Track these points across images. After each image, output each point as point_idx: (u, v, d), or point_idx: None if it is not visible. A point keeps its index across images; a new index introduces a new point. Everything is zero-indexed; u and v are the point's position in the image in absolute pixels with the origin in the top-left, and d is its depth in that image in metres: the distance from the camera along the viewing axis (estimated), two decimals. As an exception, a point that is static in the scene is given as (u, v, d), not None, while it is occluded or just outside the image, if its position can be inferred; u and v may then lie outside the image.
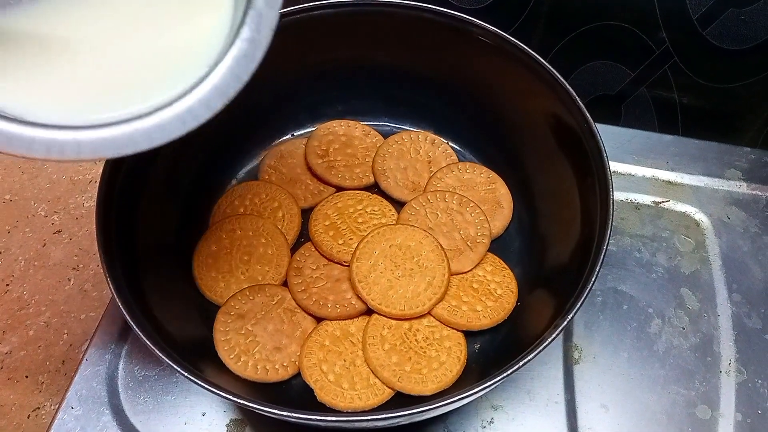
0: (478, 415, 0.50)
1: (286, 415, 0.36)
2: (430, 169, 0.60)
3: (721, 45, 0.66)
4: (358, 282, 0.50)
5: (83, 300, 0.75)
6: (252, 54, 0.29)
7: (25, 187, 0.86)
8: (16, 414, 0.68)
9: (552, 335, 0.38)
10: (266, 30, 0.29)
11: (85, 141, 0.27)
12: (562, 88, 0.49)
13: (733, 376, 0.53)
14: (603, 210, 0.44)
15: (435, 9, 0.53)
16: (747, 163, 0.66)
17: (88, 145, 0.27)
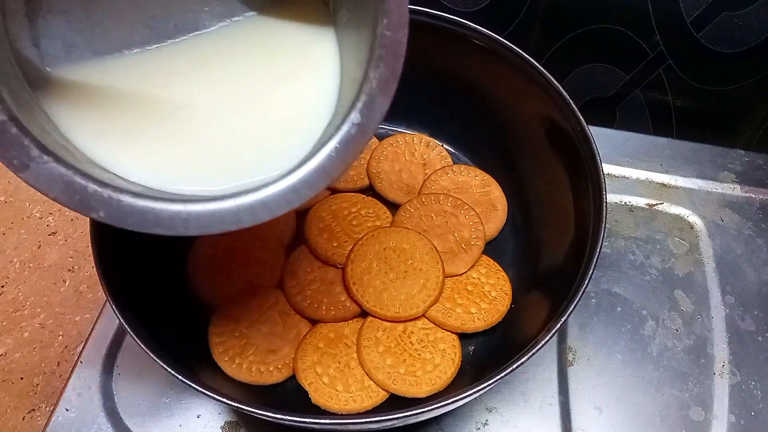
0: (473, 417, 0.50)
1: (280, 418, 0.36)
2: (424, 171, 0.60)
3: (715, 48, 0.66)
4: (353, 284, 0.51)
5: (78, 302, 0.75)
6: (359, 139, 0.28)
7: (20, 189, 0.86)
8: (11, 416, 0.68)
9: (546, 337, 0.39)
10: (377, 116, 0.28)
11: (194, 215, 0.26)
12: (556, 91, 0.49)
13: (727, 377, 0.53)
14: (596, 212, 0.44)
15: (430, 12, 0.53)
16: (741, 166, 0.67)
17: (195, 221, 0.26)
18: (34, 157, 0.25)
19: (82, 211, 0.25)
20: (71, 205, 0.25)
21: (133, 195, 0.26)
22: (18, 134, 0.24)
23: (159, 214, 0.26)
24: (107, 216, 0.26)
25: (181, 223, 0.26)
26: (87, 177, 0.25)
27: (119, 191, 0.26)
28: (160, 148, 0.28)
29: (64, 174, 0.25)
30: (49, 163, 0.25)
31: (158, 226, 0.26)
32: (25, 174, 0.25)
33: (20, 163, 0.24)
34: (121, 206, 0.26)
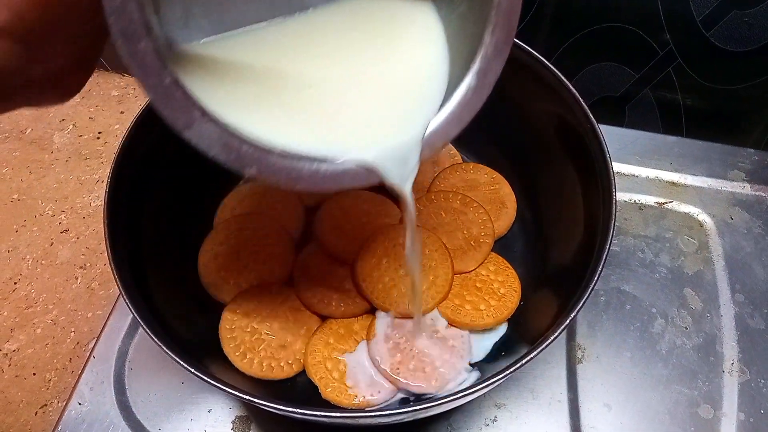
0: (482, 414, 0.51)
1: (291, 411, 0.36)
2: (434, 169, 0.61)
3: (724, 47, 0.66)
4: (362, 281, 0.51)
5: (90, 298, 0.76)
6: (476, 101, 0.31)
7: (32, 187, 0.87)
8: (24, 411, 0.68)
9: (554, 333, 0.39)
10: (492, 79, 0.31)
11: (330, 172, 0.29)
12: (566, 90, 0.49)
13: (736, 375, 0.53)
14: (606, 210, 0.45)
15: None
16: (750, 165, 0.67)
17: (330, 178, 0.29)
18: (196, 118, 0.27)
19: (237, 167, 0.28)
20: (228, 162, 0.28)
21: (278, 155, 0.29)
22: (183, 97, 0.27)
23: (301, 172, 0.29)
24: (258, 172, 0.29)
25: (320, 180, 0.30)
26: (237, 137, 0.28)
27: (267, 152, 0.29)
28: (289, 116, 0.31)
29: (221, 134, 0.28)
30: (208, 124, 0.27)
31: (300, 182, 0.29)
32: (189, 133, 0.27)
33: (185, 123, 0.27)
34: (270, 164, 0.29)
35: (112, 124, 0.94)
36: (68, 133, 0.94)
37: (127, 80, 1.01)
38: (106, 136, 0.92)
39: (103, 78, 1.02)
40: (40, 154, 0.91)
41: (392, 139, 0.31)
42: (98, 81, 1.01)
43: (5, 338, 0.72)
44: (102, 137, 0.92)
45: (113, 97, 0.99)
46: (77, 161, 0.90)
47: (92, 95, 0.99)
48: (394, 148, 0.31)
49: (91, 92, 1.00)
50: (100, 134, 0.93)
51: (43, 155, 0.90)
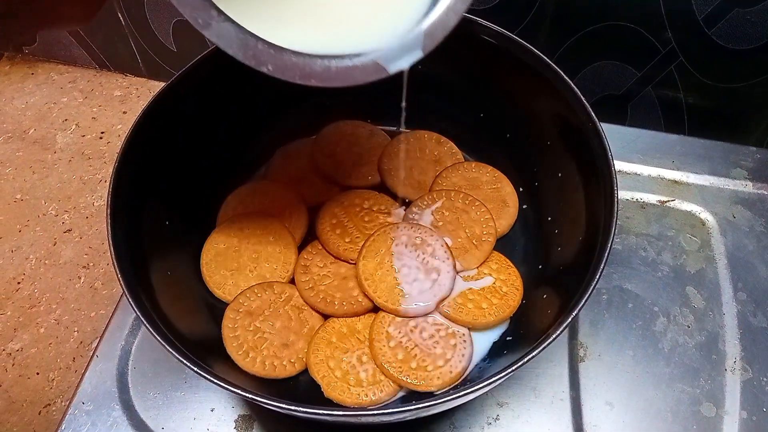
0: (484, 412, 0.51)
1: (294, 409, 0.36)
2: (435, 168, 0.61)
3: (726, 45, 0.66)
4: (365, 280, 0.51)
5: (93, 298, 0.76)
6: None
7: (35, 187, 0.87)
8: (27, 410, 0.69)
9: (557, 332, 0.39)
10: None
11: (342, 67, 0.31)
12: (568, 88, 0.49)
13: (738, 374, 0.53)
14: (608, 209, 0.45)
15: (441, 9, 0.54)
16: (753, 163, 0.67)
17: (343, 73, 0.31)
18: (214, 16, 0.28)
19: (254, 64, 0.30)
20: (246, 59, 0.29)
21: (292, 53, 0.30)
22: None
23: (313, 68, 0.31)
24: (274, 69, 0.30)
25: (332, 75, 0.31)
26: (254, 36, 0.29)
27: (282, 50, 0.30)
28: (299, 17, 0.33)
29: (238, 33, 0.29)
30: (226, 23, 0.28)
31: (313, 78, 0.31)
32: (208, 31, 0.28)
33: (204, 21, 0.28)
34: (284, 61, 0.30)
35: (114, 124, 0.94)
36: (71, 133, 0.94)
37: (129, 80, 1.01)
38: (108, 136, 0.93)
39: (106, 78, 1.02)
40: (43, 154, 0.91)
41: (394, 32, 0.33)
42: (101, 81, 1.01)
43: (9, 338, 0.73)
44: (105, 137, 0.93)
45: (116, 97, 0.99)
46: (80, 161, 0.90)
47: (95, 95, 0.99)
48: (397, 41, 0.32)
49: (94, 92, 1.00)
50: (102, 134, 0.93)
51: (46, 155, 0.91)
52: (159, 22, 0.88)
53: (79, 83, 1.02)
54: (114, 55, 0.98)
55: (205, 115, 0.55)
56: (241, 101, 0.58)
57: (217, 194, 0.59)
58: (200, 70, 0.51)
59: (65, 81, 1.02)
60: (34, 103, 0.98)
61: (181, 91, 0.50)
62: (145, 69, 0.98)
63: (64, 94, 1.00)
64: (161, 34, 0.89)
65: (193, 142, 0.54)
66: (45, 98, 0.99)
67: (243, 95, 0.57)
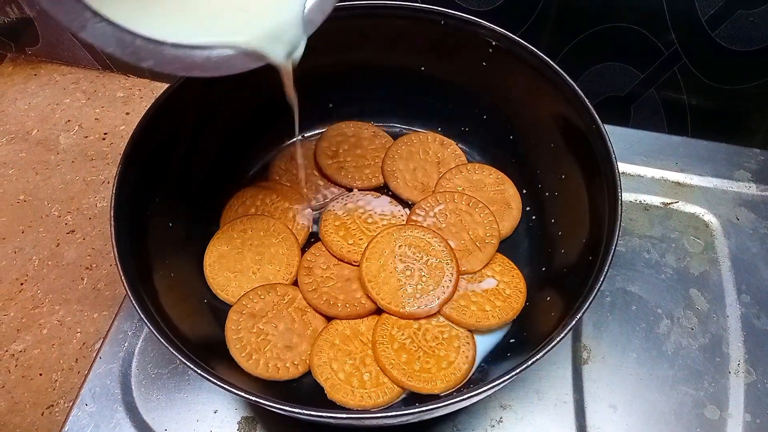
0: (487, 414, 0.51)
1: (297, 412, 0.36)
2: (439, 170, 0.61)
3: (730, 46, 0.66)
4: (368, 282, 0.51)
5: (96, 299, 0.76)
6: None
7: (38, 188, 0.87)
8: (30, 412, 0.69)
9: (561, 334, 0.39)
10: None
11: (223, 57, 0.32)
12: (571, 90, 0.49)
13: (742, 376, 0.53)
14: (612, 211, 0.44)
15: (444, 11, 0.54)
16: (756, 165, 0.66)
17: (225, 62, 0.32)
18: (88, 18, 0.28)
19: (134, 60, 0.30)
20: (125, 56, 0.30)
21: (172, 46, 0.31)
22: (73, 1, 0.28)
23: (194, 59, 0.31)
24: (155, 64, 0.31)
25: (213, 65, 0.32)
26: (132, 34, 0.30)
27: (160, 44, 0.30)
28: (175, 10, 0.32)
29: (114, 31, 0.29)
30: (101, 23, 0.29)
31: (195, 69, 0.31)
32: (84, 33, 0.29)
33: (79, 24, 0.28)
34: (165, 55, 0.31)
35: (117, 125, 0.94)
36: (74, 134, 0.94)
37: (132, 81, 1.01)
38: (111, 137, 0.92)
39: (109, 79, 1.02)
40: (46, 155, 0.91)
41: (268, 22, 0.33)
42: (104, 82, 1.01)
43: (12, 339, 0.73)
44: (108, 138, 0.92)
45: (118, 98, 0.99)
46: (83, 162, 0.90)
47: (98, 96, 0.99)
48: (271, 30, 0.33)
49: (97, 93, 1.00)
50: (105, 135, 0.93)
51: (48, 156, 0.91)
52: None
53: (82, 84, 1.02)
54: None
55: (208, 116, 0.55)
56: (244, 102, 0.58)
57: (221, 196, 0.59)
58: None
59: (68, 82, 1.02)
60: (37, 104, 0.98)
61: (185, 92, 0.50)
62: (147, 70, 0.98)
63: (67, 95, 1.00)
64: (164, 35, 0.89)
65: (196, 143, 0.54)
66: (48, 99, 0.99)
67: (246, 96, 0.57)
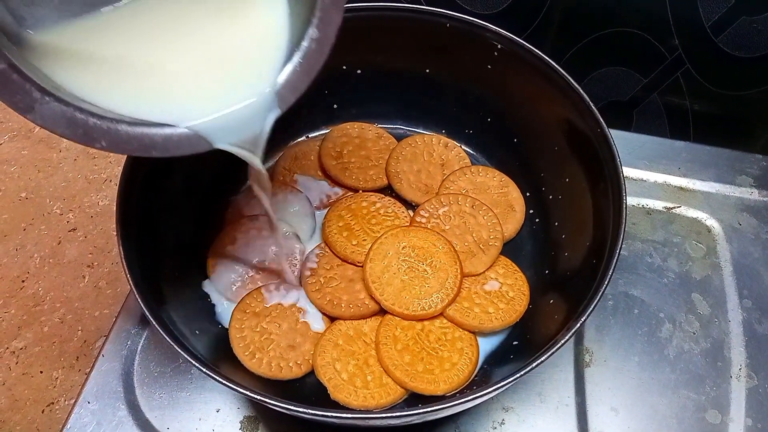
0: (489, 417, 0.51)
1: (302, 411, 0.37)
2: (443, 171, 0.61)
3: (733, 52, 0.66)
4: (372, 282, 0.51)
5: (97, 297, 0.76)
6: (320, 53, 0.32)
7: (41, 186, 0.87)
8: (31, 409, 0.69)
9: (564, 338, 0.39)
10: (333, 29, 0.31)
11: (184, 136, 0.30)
12: (576, 94, 0.50)
13: (744, 381, 0.53)
14: (616, 215, 0.45)
15: (450, 14, 0.54)
16: (758, 170, 0.67)
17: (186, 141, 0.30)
18: (36, 99, 0.27)
19: (86, 142, 0.28)
20: (76, 138, 0.28)
21: (128, 124, 0.29)
22: (20, 80, 0.27)
23: (153, 138, 0.29)
24: (109, 144, 0.28)
25: (174, 145, 0.30)
26: (85, 112, 0.28)
27: (116, 122, 0.29)
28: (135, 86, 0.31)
29: (65, 111, 0.28)
30: (51, 103, 0.27)
31: (155, 149, 0.30)
32: (31, 115, 0.27)
33: (25, 105, 0.27)
34: (120, 134, 0.29)
35: (120, 124, 0.94)
36: (76, 132, 0.94)
37: (135, 80, 1.02)
38: (114, 135, 0.93)
39: (112, 78, 1.02)
40: (48, 153, 0.91)
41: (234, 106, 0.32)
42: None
43: (13, 336, 0.73)
44: (110, 137, 0.93)
45: (121, 96, 0.99)
46: (85, 160, 0.90)
47: (100, 95, 1.00)
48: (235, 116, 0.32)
49: (100, 92, 1.00)
50: (108, 134, 0.93)
51: (51, 154, 0.91)
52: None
53: (84, 83, 1.02)
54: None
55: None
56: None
57: (224, 195, 0.59)
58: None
59: (71, 80, 1.03)
60: (40, 102, 0.99)
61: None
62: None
63: (70, 93, 1.01)
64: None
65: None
66: (51, 97, 1.00)
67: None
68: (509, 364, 0.49)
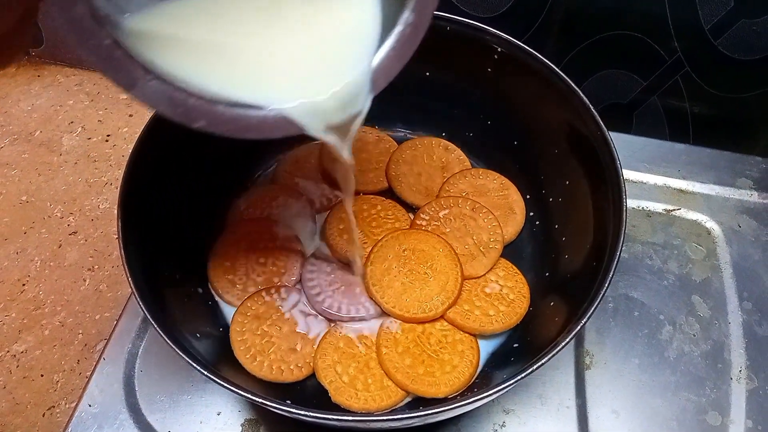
0: (490, 419, 0.51)
1: (303, 414, 0.37)
2: (443, 174, 0.61)
3: (732, 55, 0.67)
4: (372, 285, 0.51)
5: (98, 300, 0.76)
6: (414, 37, 0.31)
7: (41, 189, 0.87)
8: (32, 412, 0.69)
9: (565, 340, 0.39)
10: (428, 13, 0.31)
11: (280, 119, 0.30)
12: (576, 97, 0.50)
13: (744, 383, 0.53)
14: (616, 217, 0.45)
15: (449, 17, 0.54)
16: (758, 173, 0.67)
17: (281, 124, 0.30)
18: (139, 76, 0.27)
19: (186, 121, 0.29)
20: (176, 116, 0.28)
21: (226, 105, 0.29)
22: (123, 56, 0.27)
23: (249, 120, 0.30)
24: (208, 125, 0.29)
25: (268, 127, 0.30)
26: (184, 92, 0.28)
27: (214, 103, 0.29)
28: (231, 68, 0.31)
29: (166, 89, 0.28)
30: (153, 81, 0.28)
31: (250, 131, 0.30)
32: (134, 91, 0.28)
33: (129, 82, 0.27)
34: (218, 115, 0.29)
35: (120, 127, 0.94)
36: (77, 135, 0.94)
37: (135, 84, 1.02)
38: (114, 138, 0.93)
39: (112, 81, 1.02)
40: (49, 157, 0.91)
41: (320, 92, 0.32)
42: (107, 84, 1.02)
43: (13, 339, 0.73)
44: (111, 140, 0.93)
45: (122, 100, 0.99)
46: (86, 164, 0.90)
47: (101, 98, 1.00)
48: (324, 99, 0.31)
49: (100, 95, 1.00)
50: (108, 137, 0.93)
51: (51, 157, 0.91)
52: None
53: (85, 86, 1.02)
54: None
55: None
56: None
57: (226, 198, 0.59)
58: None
59: (71, 83, 1.03)
60: (41, 106, 0.98)
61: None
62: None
63: (71, 96, 1.01)
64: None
65: (202, 146, 0.55)
66: (51, 101, 0.99)
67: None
68: (510, 367, 0.49)
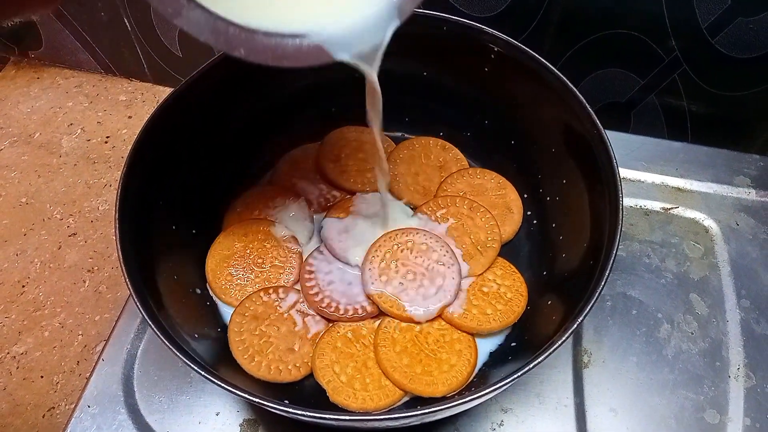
0: (488, 418, 0.51)
1: (301, 414, 0.37)
2: (440, 174, 0.61)
3: (730, 53, 0.66)
4: (370, 284, 0.51)
5: (98, 302, 0.76)
6: None
7: (41, 191, 0.87)
8: (31, 414, 0.69)
9: (562, 338, 0.39)
10: None
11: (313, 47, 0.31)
12: (573, 96, 0.50)
13: (742, 381, 0.53)
14: (613, 216, 0.45)
15: (447, 17, 0.54)
16: (756, 171, 0.67)
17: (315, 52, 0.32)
18: (183, 5, 0.29)
19: (227, 49, 0.30)
20: (218, 44, 0.30)
21: (264, 35, 0.30)
22: None
23: (285, 48, 0.31)
24: (247, 53, 0.30)
25: (303, 55, 0.31)
26: (225, 21, 0.30)
27: (253, 32, 0.30)
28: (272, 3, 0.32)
29: (208, 19, 0.29)
30: (196, 10, 0.29)
31: (286, 59, 0.31)
32: (179, 20, 0.29)
33: (173, 10, 0.29)
34: (257, 43, 0.30)
35: (120, 129, 0.94)
36: (76, 137, 0.94)
37: (135, 85, 1.02)
38: (114, 140, 0.93)
39: (111, 83, 1.02)
40: (49, 158, 0.91)
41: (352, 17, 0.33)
42: (106, 86, 1.02)
43: (13, 341, 0.73)
44: (110, 141, 0.93)
45: (121, 101, 0.99)
46: (85, 165, 0.90)
47: (100, 100, 1.00)
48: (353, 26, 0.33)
49: (99, 97, 1.00)
50: (108, 138, 0.93)
51: (51, 159, 0.91)
52: (165, 28, 0.88)
53: (84, 88, 1.02)
54: (119, 60, 0.98)
55: (211, 121, 0.55)
56: (247, 108, 0.58)
57: (224, 199, 0.59)
58: (208, 77, 0.52)
59: (71, 85, 1.03)
60: (40, 108, 0.99)
61: (189, 97, 0.51)
62: (150, 74, 0.98)
63: (70, 98, 1.01)
64: (167, 39, 0.89)
65: (199, 147, 0.55)
66: (50, 102, 1.00)
67: (249, 102, 0.57)
68: (508, 365, 0.49)
